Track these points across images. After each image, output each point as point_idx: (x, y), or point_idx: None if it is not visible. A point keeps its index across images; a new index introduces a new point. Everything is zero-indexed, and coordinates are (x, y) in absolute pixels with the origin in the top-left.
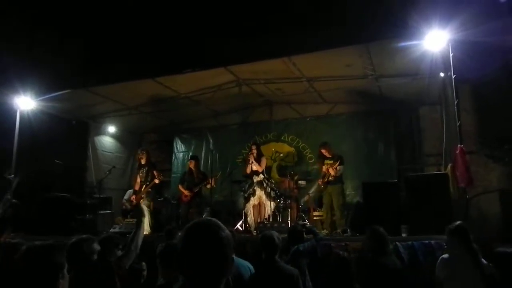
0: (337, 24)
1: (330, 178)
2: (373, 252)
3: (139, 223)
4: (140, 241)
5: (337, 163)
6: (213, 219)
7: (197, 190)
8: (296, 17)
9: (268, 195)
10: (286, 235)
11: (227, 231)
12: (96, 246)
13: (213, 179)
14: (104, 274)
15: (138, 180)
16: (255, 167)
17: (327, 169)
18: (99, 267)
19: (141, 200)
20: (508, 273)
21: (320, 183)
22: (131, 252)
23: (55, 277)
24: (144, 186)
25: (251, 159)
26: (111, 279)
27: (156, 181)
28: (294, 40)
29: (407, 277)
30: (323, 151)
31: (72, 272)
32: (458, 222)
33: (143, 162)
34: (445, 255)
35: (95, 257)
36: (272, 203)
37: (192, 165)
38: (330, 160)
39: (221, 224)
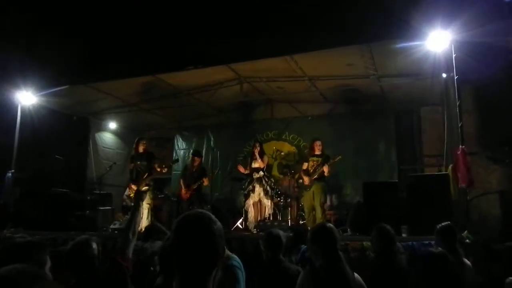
0: (339, 23)
1: (319, 175)
2: (380, 252)
3: (137, 207)
4: (137, 228)
5: (322, 162)
6: (204, 211)
7: (195, 187)
8: (298, 16)
9: (266, 193)
10: (288, 233)
11: (218, 223)
12: (96, 247)
13: (207, 179)
14: (114, 275)
15: (132, 166)
16: (257, 164)
17: (312, 166)
18: (108, 269)
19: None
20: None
21: (306, 181)
22: (129, 240)
23: None
24: (145, 175)
25: (256, 152)
26: (123, 280)
27: (159, 169)
28: (296, 39)
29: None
30: (315, 145)
31: (74, 280)
32: (445, 223)
33: (141, 151)
34: None
35: (98, 259)
36: (270, 201)
37: (197, 161)
38: (317, 158)
39: (212, 216)
